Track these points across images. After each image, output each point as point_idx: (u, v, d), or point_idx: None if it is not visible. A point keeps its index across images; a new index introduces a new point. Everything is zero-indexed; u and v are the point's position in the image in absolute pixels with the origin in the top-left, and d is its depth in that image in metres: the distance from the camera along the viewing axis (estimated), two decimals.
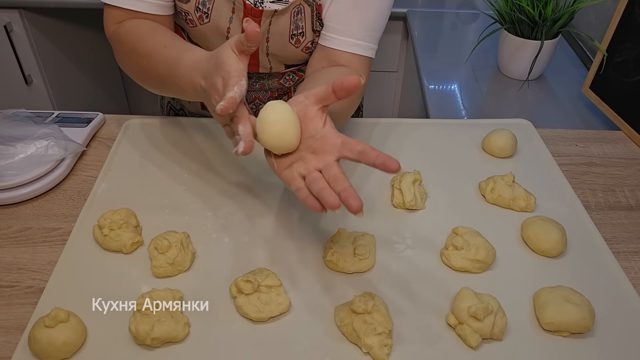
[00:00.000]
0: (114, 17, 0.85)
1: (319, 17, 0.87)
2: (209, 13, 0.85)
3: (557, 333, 0.65)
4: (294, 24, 0.87)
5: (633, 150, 1.00)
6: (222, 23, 0.86)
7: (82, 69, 2.10)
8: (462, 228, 0.76)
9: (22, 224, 0.80)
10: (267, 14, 0.85)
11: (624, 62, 1.05)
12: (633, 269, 0.75)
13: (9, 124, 0.89)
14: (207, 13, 0.85)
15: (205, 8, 0.85)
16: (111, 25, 0.86)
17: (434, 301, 0.69)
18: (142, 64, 0.80)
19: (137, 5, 0.83)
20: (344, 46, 0.87)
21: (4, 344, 0.64)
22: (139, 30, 0.81)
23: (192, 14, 0.86)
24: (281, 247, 0.76)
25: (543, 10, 1.19)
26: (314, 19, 0.87)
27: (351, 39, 0.87)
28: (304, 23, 0.88)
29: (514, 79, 1.34)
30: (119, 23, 0.85)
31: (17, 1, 1.72)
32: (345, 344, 0.64)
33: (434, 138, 0.99)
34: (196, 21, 0.87)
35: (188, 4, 0.85)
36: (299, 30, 0.88)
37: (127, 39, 0.82)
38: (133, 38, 0.81)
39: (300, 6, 0.86)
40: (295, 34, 0.88)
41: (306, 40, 0.90)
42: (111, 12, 0.85)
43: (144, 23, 0.83)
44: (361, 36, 0.87)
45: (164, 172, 0.89)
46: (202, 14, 0.85)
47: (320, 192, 0.57)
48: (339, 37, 0.87)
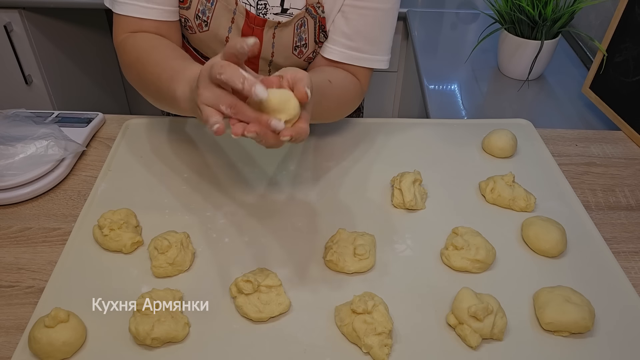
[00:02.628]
0: (123, 27, 0.85)
1: (322, 29, 0.88)
2: (208, 22, 0.85)
3: (557, 333, 0.65)
4: (298, 36, 0.88)
5: (633, 150, 1.00)
6: (221, 32, 0.86)
7: (82, 69, 2.10)
8: (462, 228, 0.76)
9: (22, 224, 0.80)
10: (270, 25, 0.85)
11: (624, 62, 1.05)
12: (633, 269, 0.75)
13: (9, 124, 0.89)
14: (207, 22, 0.85)
15: (205, 17, 0.85)
16: (120, 34, 0.85)
17: (434, 301, 0.69)
18: (144, 75, 0.79)
19: (144, 12, 0.82)
20: (346, 58, 0.88)
21: (4, 344, 0.64)
22: (146, 43, 0.82)
23: (191, 20, 0.86)
24: (281, 247, 0.76)
25: (543, 10, 1.19)
26: (316, 31, 0.88)
27: (355, 53, 0.88)
28: (307, 35, 0.88)
29: (514, 79, 1.34)
30: (128, 33, 0.84)
31: (17, 1, 1.72)
32: (345, 344, 0.64)
33: (434, 138, 0.99)
34: (195, 28, 0.87)
35: (188, 11, 0.85)
36: (302, 42, 0.88)
37: (133, 49, 0.82)
38: (140, 49, 0.81)
39: (303, 19, 0.86)
40: (299, 45, 0.89)
41: (308, 51, 0.90)
42: (120, 21, 0.85)
43: (152, 37, 0.83)
44: (365, 49, 0.88)
45: (164, 172, 0.89)
46: (202, 22, 0.85)
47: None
48: (343, 50, 0.88)
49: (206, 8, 0.84)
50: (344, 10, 0.86)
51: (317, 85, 0.71)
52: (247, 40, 0.55)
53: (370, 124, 1.02)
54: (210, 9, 0.84)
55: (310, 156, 0.93)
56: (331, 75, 0.86)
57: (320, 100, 0.75)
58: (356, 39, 0.87)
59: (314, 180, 0.88)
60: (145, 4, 0.82)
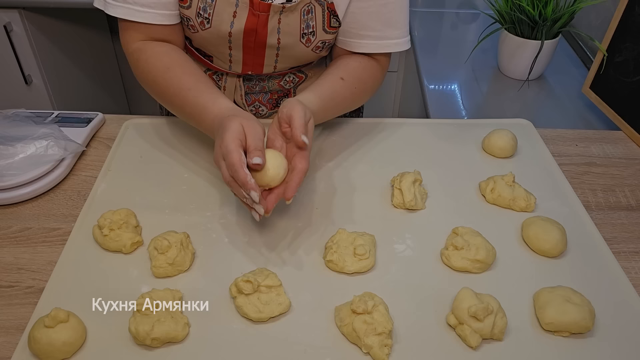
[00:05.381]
0: (131, 33, 0.87)
1: (333, 14, 0.88)
2: (210, 18, 0.85)
3: (558, 333, 0.65)
4: (305, 23, 0.88)
5: (633, 150, 1.00)
6: (224, 27, 0.86)
7: (82, 69, 2.10)
8: (462, 228, 0.76)
9: (22, 224, 0.80)
10: (276, 10, 0.85)
11: (624, 62, 1.05)
12: (633, 269, 0.75)
13: (9, 124, 0.89)
14: (208, 19, 0.85)
15: (206, 13, 0.85)
16: (131, 42, 0.88)
17: (434, 301, 0.69)
18: (164, 97, 0.85)
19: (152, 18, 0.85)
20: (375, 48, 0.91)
21: (4, 344, 0.64)
22: (160, 63, 0.85)
23: (193, 19, 0.86)
24: (281, 247, 0.76)
25: (543, 10, 1.19)
26: (324, 19, 0.88)
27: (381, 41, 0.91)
28: (314, 22, 0.88)
29: (514, 79, 1.34)
30: (139, 42, 0.87)
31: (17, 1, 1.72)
32: (345, 344, 0.64)
33: (434, 138, 0.99)
34: (197, 27, 0.87)
35: (189, 10, 0.85)
36: (310, 29, 0.88)
37: (148, 70, 0.86)
38: (155, 70, 0.85)
39: (310, 5, 0.87)
40: (306, 32, 0.89)
41: (316, 39, 0.90)
42: (128, 27, 0.87)
43: (164, 54, 0.86)
44: (388, 35, 0.90)
45: (164, 172, 0.89)
46: (203, 19, 0.86)
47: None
48: (369, 42, 0.91)
49: (207, 5, 0.84)
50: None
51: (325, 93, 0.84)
52: (254, 159, 0.66)
53: (370, 124, 1.02)
54: (211, 5, 0.84)
55: (311, 156, 0.93)
56: (346, 70, 0.90)
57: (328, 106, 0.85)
58: (378, 28, 0.89)
59: (314, 180, 0.88)
60: (153, 10, 0.84)
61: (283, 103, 0.74)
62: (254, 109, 1.03)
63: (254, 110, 1.03)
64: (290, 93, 1.04)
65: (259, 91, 1.01)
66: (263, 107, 1.03)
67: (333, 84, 0.87)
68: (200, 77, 0.83)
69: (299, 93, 0.87)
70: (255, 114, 1.03)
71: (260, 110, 1.03)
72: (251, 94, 1.01)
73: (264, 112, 1.04)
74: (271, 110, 1.04)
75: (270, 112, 1.04)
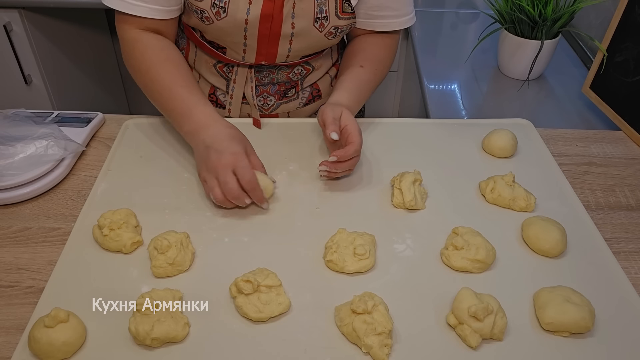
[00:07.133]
0: (127, 23, 0.89)
1: (345, 0, 0.90)
2: (226, 7, 0.86)
3: (557, 333, 0.65)
4: (318, 7, 0.89)
5: (633, 150, 1.00)
6: (240, 15, 0.87)
7: (82, 69, 2.10)
8: (462, 228, 0.76)
9: (22, 224, 0.80)
10: None
11: (624, 62, 1.05)
12: (633, 269, 0.75)
13: (9, 124, 0.89)
14: (224, 7, 0.86)
15: (222, 3, 0.86)
16: (126, 30, 0.90)
17: (434, 301, 0.69)
18: (153, 88, 0.89)
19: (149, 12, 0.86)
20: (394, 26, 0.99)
21: (4, 344, 0.64)
22: (155, 57, 0.89)
23: (208, 11, 0.87)
24: (281, 247, 0.76)
25: (543, 10, 1.19)
26: (337, 4, 0.90)
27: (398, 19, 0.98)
28: (327, 7, 0.90)
29: (514, 78, 1.34)
30: (135, 31, 0.89)
31: (17, 1, 1.72)
32: (345, 344, 0.64)
33: (434, 138, 0.99)
34: (213, 17, 0.88)
35: (203, 2, 0.86)
36: (323, 14, 0.90)
37: (142, 60, 0.89)
38: (149, 62, 0.88)
39: None
40: (320, 17, 0.90)
41: (329, 25, 0.91)
42: (125, 18, 0.88)
43: (160, 48, 0.90)
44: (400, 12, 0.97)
45: (164, 172, 0.89)
46: (219, 9, 0.87)
47: None
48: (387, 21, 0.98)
49: None
50: None
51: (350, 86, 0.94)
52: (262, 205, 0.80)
53: (370, 124, 1.02)
54: None
55: (311, 156, 0.93)
56: (363, 56, 0.98)
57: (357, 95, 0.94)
58: (396, 7, 0.96)
59: (314, 180, 0.88)
60: (151, 5, 0.86)
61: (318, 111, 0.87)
62: (262, 100, 1.04)
63: (262, 100, 1.04)
64: (297, 85, 1.05)
65: (267, 83, 1.02)
66: (271, 98, 1.04)
67: (355, 74, 0.96)
68: (193, 80, 0.89)
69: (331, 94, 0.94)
70: (263, 104, 1.04)
71: (268, 101, 1.04)
72: (260, 86, 1.02)
73: (272, 103, 1.05)
74: (279, 100, 1.05)
75: (279, 103, 1.05)
